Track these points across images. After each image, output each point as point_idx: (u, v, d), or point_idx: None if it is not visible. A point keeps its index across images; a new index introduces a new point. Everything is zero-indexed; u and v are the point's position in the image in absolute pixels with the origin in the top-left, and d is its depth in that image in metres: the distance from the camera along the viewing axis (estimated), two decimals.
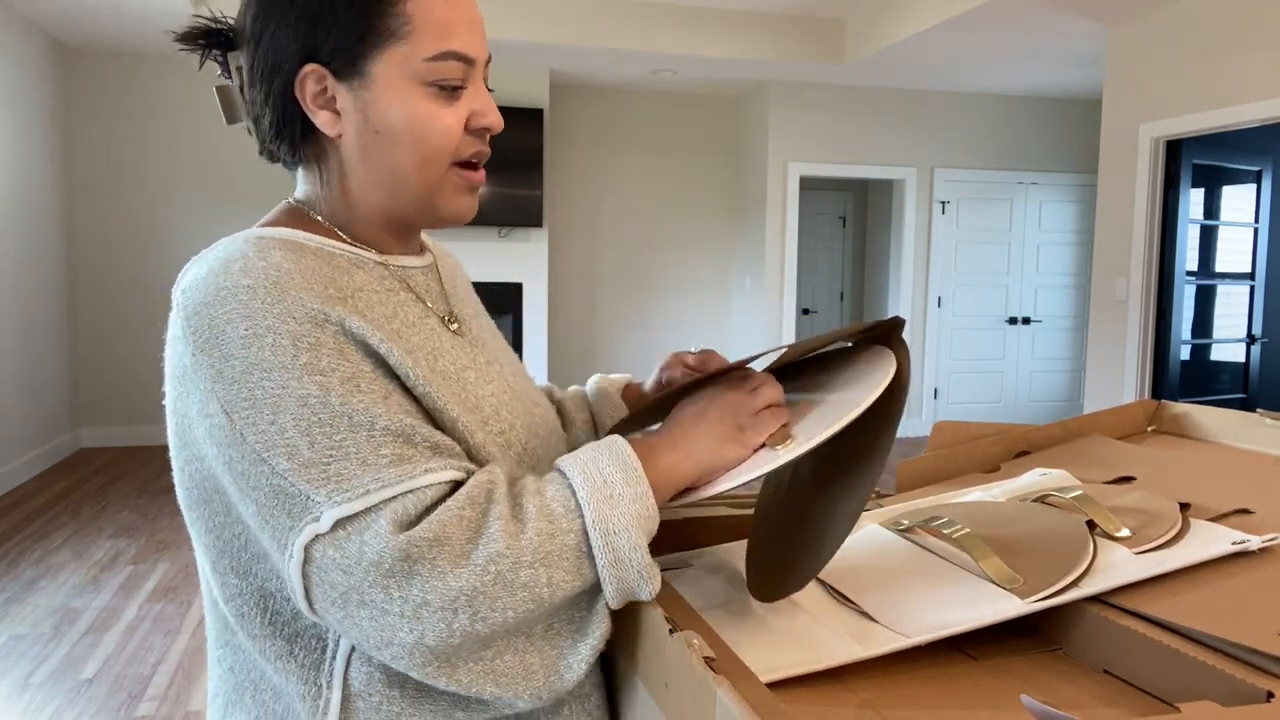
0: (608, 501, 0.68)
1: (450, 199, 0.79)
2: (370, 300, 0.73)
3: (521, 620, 0.66)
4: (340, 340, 0.68)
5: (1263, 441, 1.14)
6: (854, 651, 0.69)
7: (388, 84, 0.74)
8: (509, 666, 0.67)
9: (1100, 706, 0.64)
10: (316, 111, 0.75)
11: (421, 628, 0.63)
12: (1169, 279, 4.73)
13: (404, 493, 0.65)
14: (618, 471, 0.69)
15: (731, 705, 0.53)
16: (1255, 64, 4.13)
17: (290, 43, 0.73)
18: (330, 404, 0.65)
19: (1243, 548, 0.76)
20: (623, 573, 0.68)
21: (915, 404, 7.31)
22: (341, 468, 0.65)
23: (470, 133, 0.77)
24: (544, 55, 6.04)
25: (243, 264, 0.69)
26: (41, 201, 5.67)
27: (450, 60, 0.74)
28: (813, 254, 8.89)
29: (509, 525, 0.65)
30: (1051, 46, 5.59)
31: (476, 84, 0.78)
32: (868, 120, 6.95)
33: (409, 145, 0.75)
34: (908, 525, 0.87)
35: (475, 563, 0.64)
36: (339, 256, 0.75)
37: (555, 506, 0.67)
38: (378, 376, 0.69)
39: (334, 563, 0.64)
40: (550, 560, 0.66)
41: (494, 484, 0.68)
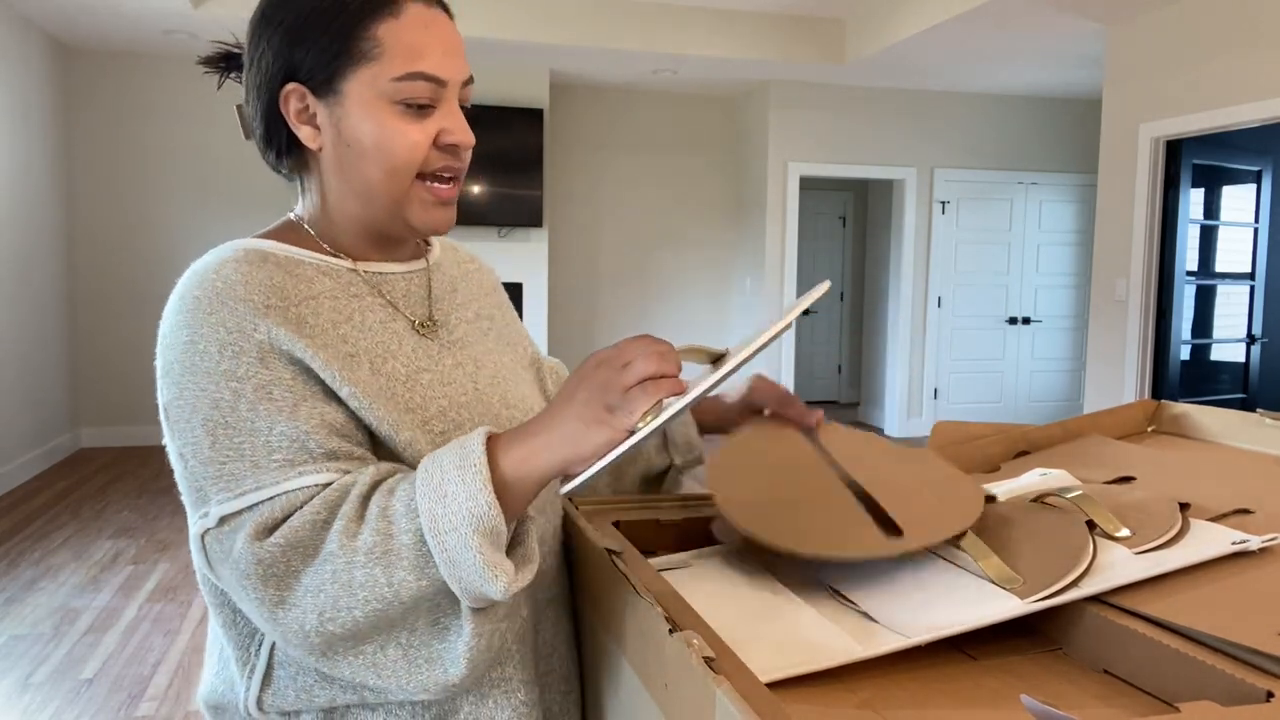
0: (439, 500, 0.68)
1: (419, 212, 0.83)
2: (322, 306, 0.79)
3: (375, 619, 0.69)
4: (264, 350, 0.74)
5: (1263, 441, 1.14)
6: (854, 651, 0.69)
7: (358, 101, 0.79)
8: (392, 660, 0.71)
9: (1100, 706, 0.64)
10: (299, 126, 0.82)
11: (282, 627, 0.70)
12: (1169, 279, 4.73)
13: (276, 495, 0.70)
14: (454, 468, 0.69)
15: (731, 705, 0.53)
16: (1255, 64, 4.13)
17: (275, 63, 0.81)
18: (238, 409, 0.72)
19: (1242, 548, 0.76)
20: (459, 572, 0.68)
21: (915, 404, 7.32)
22: (234, 468, 0.71)
23: (439, 149, 0.82)
24: (544, 55, 6.04)
25: (200, 277, 0.76)
26: (41, 201, 5.67)
27: (418, 81, 0.79)
28: (813, 254, 8.89)
29: (349, 526, 0.69)
30: (1051, 46, 5.59)
31: (449, 103, 0.82)
32: (868, 120, 6.95)
33: (375, 159, 0.80)
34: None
35: (317, 565, 0.69)
36: (306, 265, 0.82)
37: (397, 506, 0.69)
38: (296, 385, 0.74)
39: (218, 556, 0.72)
40: (389, 560, 0.68)
41: (351, 486, 0.72)
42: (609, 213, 7.19)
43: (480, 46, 5.79)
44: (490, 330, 0.96)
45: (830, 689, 0.66)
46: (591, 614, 0.86)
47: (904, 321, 7.19)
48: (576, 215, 7.14)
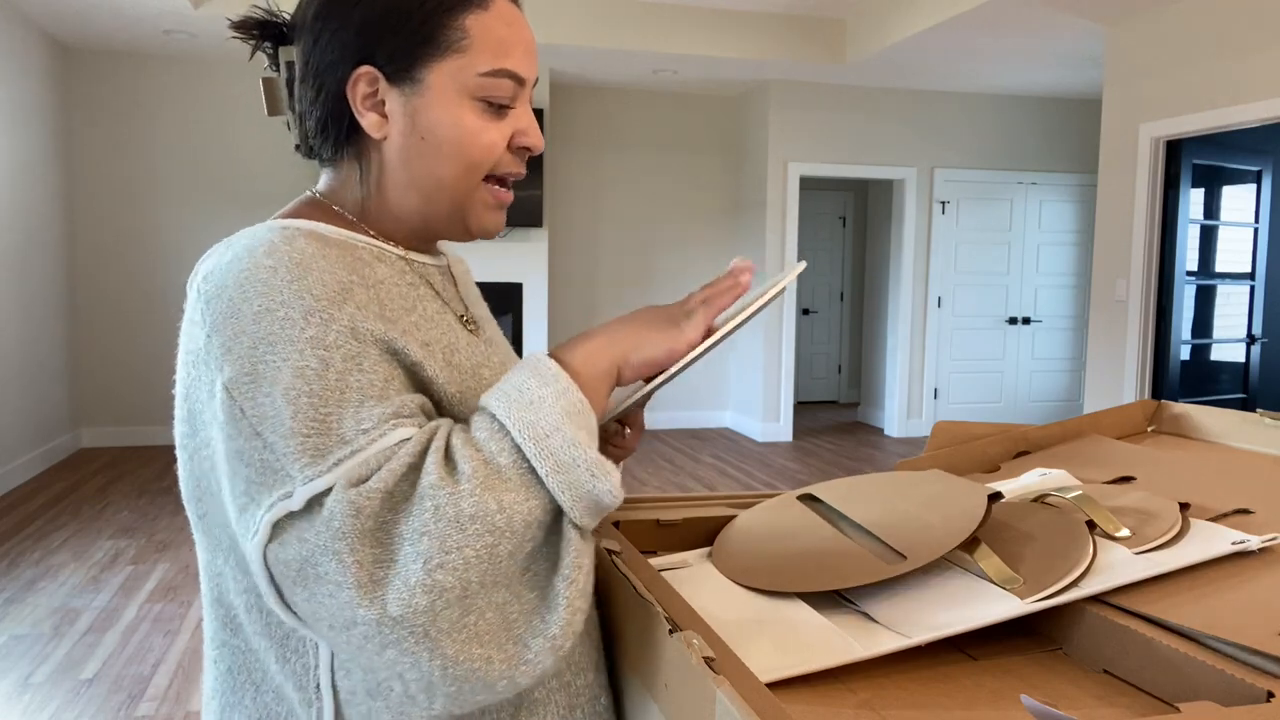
0: (528, 408, 0.65)
1: (479, 214, 0.80)
2: (391, 292, 0.74)
3: (485, 560, 0.62)
4: (355, 319, 0.68)
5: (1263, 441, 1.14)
6: (854, 651, 0.69)
7: (440, 93, 0.76)
8: (491, 625, 0.63)
9: (1100, 706, 0.64)
10: (364, 113, 0.77)
11: (382, 592, 0.61)
12: (1169, 279, 4.73)
13: (367, 456, 0.64)
14: (531, 378, 0.67)
15: (731, 705, 0.53)
16: (1255, 64, 4.13)
17: (349, 43, 0.75)
18: (327, 378, 0.65)
19: (1242, 548, 0.76)
20: (570, 476, 0.64)
21: (915, 404, 7.32)
22: (320, 442, 0.63)
23: (511, 151, 0.80)
24: (544, 55, 6.03)
25: (267, 248, 0.69)
26: (41, 201, 5.67)
27: (504, 78, 0.77)
28: (813, 254, 8.89)
29: (442, 463, 0.64)
30: (1051, 46, 5.59)
31: (524, 104, 0.80)
32: (868, 120, 6.95)
33: (450, 154, 0.77)
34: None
35: (415, 507, 0.62)
36: (361, 249, 0.76)
37: (479, 434, 0.66)
38: (383, 363, 0.68)
39: (294, 534, 0.62)
40: (491, 485, 0.63)
41: (435, 430, 0.67)
42: (609, 213, 7.19)
43: None
44: (498, 330, 0.94)
45: (830, 689, 0.66)
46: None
47: (904, 321, 7.19)
48: (576, 215, 7.13)
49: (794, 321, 6.94)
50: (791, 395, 7.02)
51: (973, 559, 0.77)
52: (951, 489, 0.89)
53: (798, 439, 7.13)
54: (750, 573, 0.85)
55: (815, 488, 1.00)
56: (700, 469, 5.97)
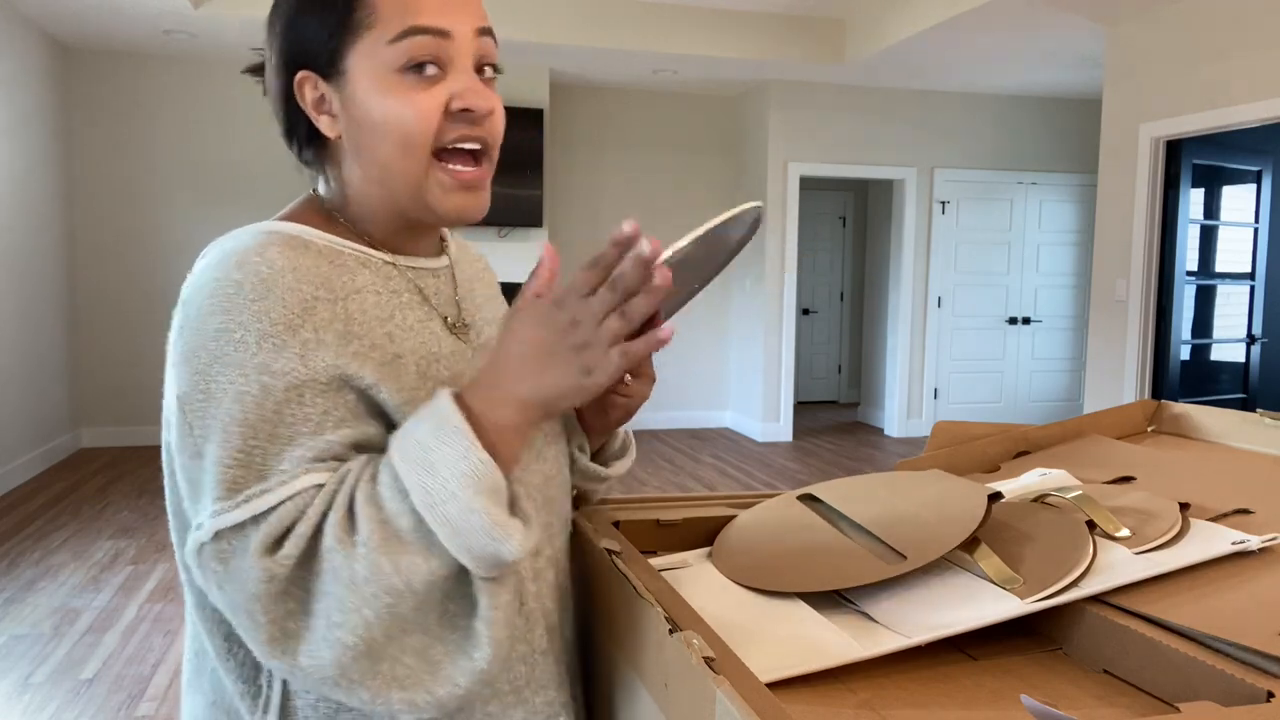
0: (426, 472, 0.64)
1: (439, 197, 0.75)
2: (367, 301, 0.73)
3: (387, 618, 0.64)
4: (307, 347, 0.68)
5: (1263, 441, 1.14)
6: (854, 651, 0.69)
7: (362, 76, 0.73)
8: (411, 668, 0.66)
9: (1100, 706, 0.64)
10: (318, 116, 0.76)
11: (289, 657, 0.64)
12: (1169, 279, 4.73)
13: (279, 504, 0.65)
14: (432, 435, 0.65)
15: (731, 705, 0.53)
16: (1255, 64, 4.13)
17: (285, 51, 0.76)
18: (264, 407, 0.66)
19: (1242, 548, 0.76)
20: (468, 540, 0.63)
21: (915, 404, 7.32)
22: (239, 475, 0.65)
23: (451, 116, 0.74)
24: (544, 55, 6.03)
25: (239, 258, 0.69)
26: (41, 201, 5.67)
27: (415, 36, 0.72)
28: (813, 254, 8.89)
29: (343, 520, 0.64)
30: (1051, 46, 5.59)
31: (460, 61, 0.74)
32: (868, 120, 6.95)
33: (385, 136, 0.73)
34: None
35: (319, 567, 0.64)
36: (345, 255, 0.75)
37: (383, 490, 0.65)
38: (330, 391, 0.68)
39: (215, 575, 0.65)
40: (389, 548, 0.63)
41: (345, 478, 0.67)
42: (609, 213, 7.19)
43: None
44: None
45: (830, 689, 0.66)
46: (591, 614, 0.86)
47: (904, 321, 7.19)
48: (576, 215, 7.13)
49: (794, 321, 6.94)
50: (791, 395, 7.02)
51: (973, 559, 0.77)
52: (951, 489, 0.89)
53: (798, 439, 7.13)
54: (750, 573, 0.85)
55: (815, 488, 1.00)
56: (700, 469, 5.97)
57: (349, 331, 0.70)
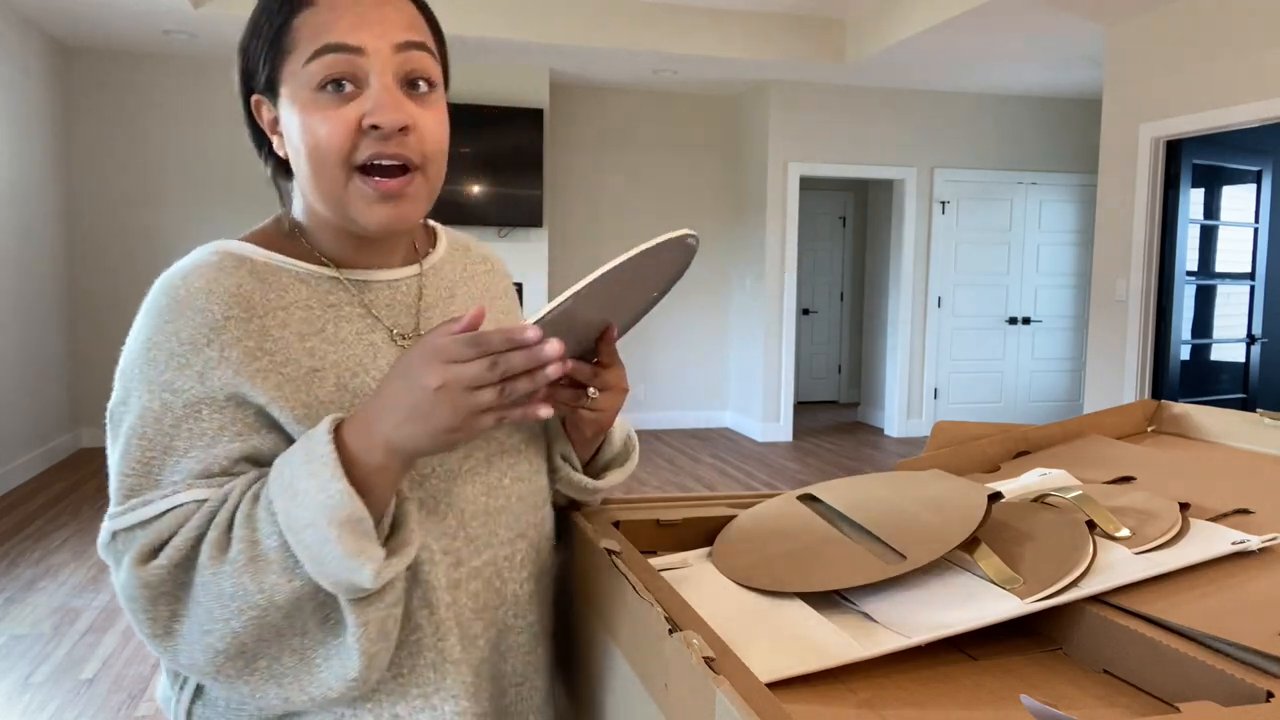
0: (292, 499, 0.67)
1: (361, 209, 0.76)
2: (291, 317, 0.77)
3: (255, 629, 0.68)
4: (208, 366, 0.72)
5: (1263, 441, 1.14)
6: (854, 651, 0.69)
7: (290, 99, 0.76)
8: (290, 668, 0.71)
9: (1100, 706, 0.64)
10: (272, 136, 0.80)
11: (170, 652, 0.70)
12: (1169, 279, 4.73)
13: (162, 513, 0.70)
14: (302, 465, 0.68)
15: (731, 705, 0.53)
16: (1255, 64, 4.13)
17: (240, 75, 0.81)
18: (162, 423, 0.72)
19: (1242, 548, 0.76)
20: (325, 568, 0.67)
21: (915, 404, 7.31)
22: (135, 483, 0.72)
23: (364, 133, 0.74)
24: (544, 55, 6.03)
25: (168, 281, 0.76)
26: (41, 201, 5.67)
27: (326, 54, 0.73)
28: (813, 254, 8.89)
29: (220, 538, 0.69)
30: (1051, 46, 5.59)
31: (377, 77, 0.74)
32: (868, 120, 6.95)
33: (305, 155, 0.76)
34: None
35: (195, 579, 0.69)
36: (284, 272, 0.79)
37: (260, 511, 0.69)
38: (229, 409, 0.73)
39: (113, 571, 0.72)
40: (254, 567, 0.67)
41: (229, 495, 0.71)
42: (609, 213, 7.19)
43: (480, 46, 5.79)
44: None
45: (830, 689, 0.66)
46: (591, 614, 0.86)
47: (904, 321, 7.19)
48: (576, 215, 7.13)
49: (794, 321, 6.94)
50: (791, 395, 7.02)
51: (973, 559, 0.77)
52: (951, 489, 0.89)
53: (798, 439, 7.13)
54: (750, 573, 0.85)
55: (815, 488, 1.00)
56: (700, 469, 5.97)
57: (260, 348, 0.74)
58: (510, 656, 0.85)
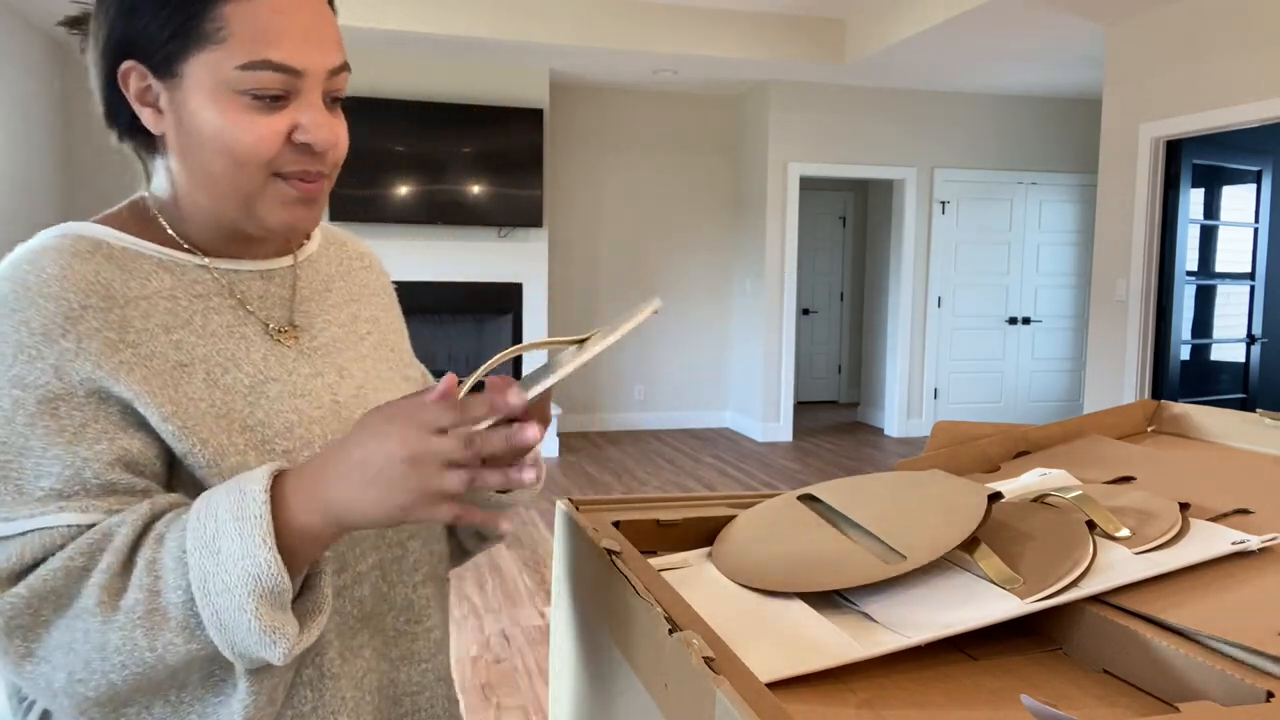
0: (212, 557, 0.61)
1: (273, 210, 0.73)
2: (155, 307, 0.71)
3: (135, 683, 0.62)
4: (64, 358, 0.66)
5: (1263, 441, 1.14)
6: (854, 651, 0.69)
7: (198, 87, 0.70)
8: (158, 717, 0.65)
9: (1100, 706, 0.64)
10: (141, 108, 0.73)
11: (28, 680, 0.62)
12: (1169, 279, 4.73)
13: (29, 531, 0.63)
14: (231, 517, 0.61)
15: (731, 705, 0.53)
16: (1255, 64, 4.13)
17: (116, 35, 0.72)
18: (15, 422, 0.64)
19: (1242, 548, 0.76)
20: (233, 636, 0.61)
21: (915, 404, 7.31)
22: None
23: (293, 147, 0.72)
24: (544, 55, 6.04)
25: (14, 266, 0.69)
26: (41, 201, 5.67)
27: (265, 70, 0.69)
28: (813, 254, 8.89)
29: (112, 581, 0.61)
30: (1051, 46, 5.59)
31: (308, 95, 0.71)
32: (868, 120, 6.95)
33: (217, 151, 0.71)
34: None
35: (69, 620, 0.61)
36: (146, 259, 0.73)
37: (166, 559, 0.62)
38: (90, 404, 0.66)
39: None
40: (153, 622, 0.61)
41: (117, 529, 0.63)
42: (609, 213, 7.19)
43: (480, 46, 5.79)
44: (369, 335, 0.87)
45: (830, 689, 0.66)
46: (591, 614, 0.86)
47: (904, 321, 7.19)
48: (576, 215, 7.13)
49: (794, 321, 6.94)
50: (791, 395, 7.02)
51: (973, 559, 0.77)
52: (951, 489, 0.89)
53: (798, 439, 7.13)
54: (750, 573, 0.85)
55: (815, 488, 1.00)
56: (700, 469, 5.97)
57: (122, 340, 0.68)
58: (404, 666, 0.81)
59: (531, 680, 2.95)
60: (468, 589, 3.75)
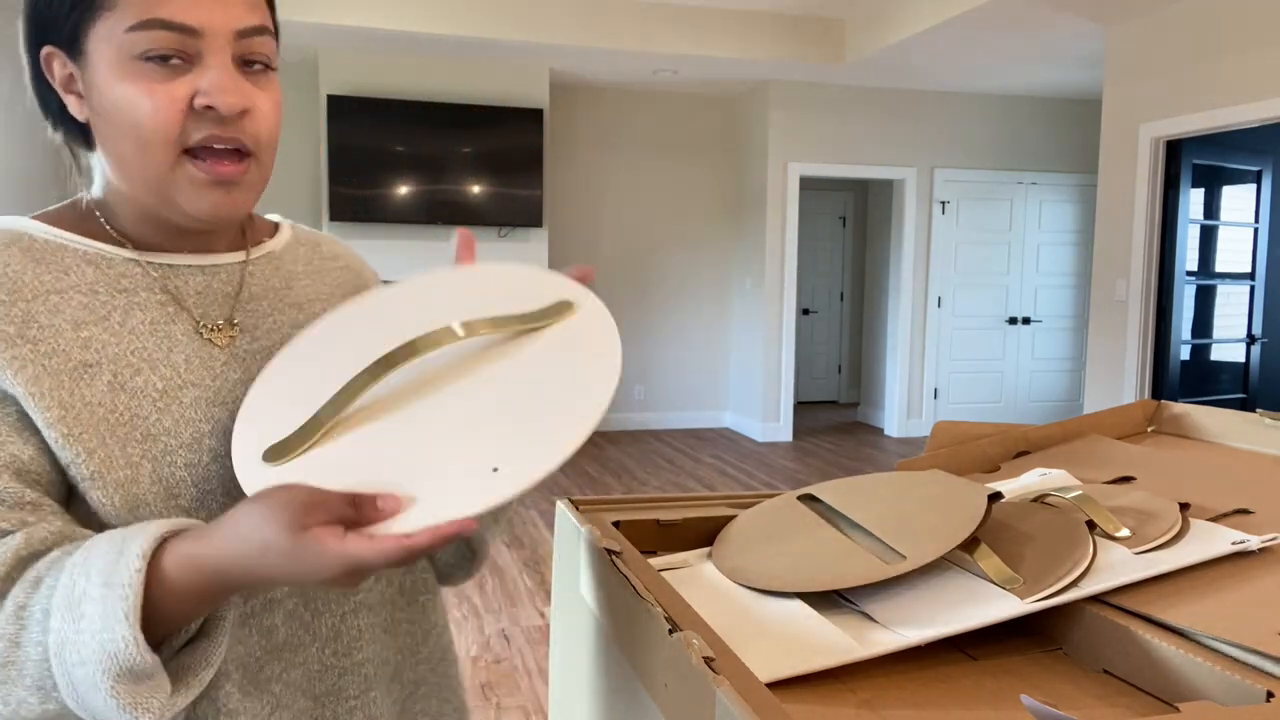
0: (73, 621, 0.55)
1: (187, 194, 0.67)
2: (68, 302, 0.67)
3: None
4: None
5: (1263, 441, 1.14)
6: (854, 651, 0.69)
7: (100, 61, 0.66)
8: None
9: (1100, 706, 0.64)
10: (66, 95, 0.70)
11: None
12: (1169, 279, 4.73)
13: None
14: (100, 581, 0.56)
15: (731, 705, 0.53)
16: (1255, 64, 4.13)
17: (30, 21, 0.69)
18: None
19: (1242, 548, 0.76)
20: (89, 706, 0.56)
21: (915, 404, 7.31)
22: None
23: (196, 114, 0.66)
24: (544, 55, 6.03)
25: None
26: (42, 201, 5.67)
27: (155, 30, 0.64)
28: (813, 254, 8.89)
29: None
30: (1051, 46, 5.59)
31: (213, 56, 0.66)
32: (868, 120, 6.95)
33: (123, 129, 0.66)
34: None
35: None
36: (69, 252, 0.69)
37: (35, 609, 0.57)
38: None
39: None
40: (6, 675, 0.56)
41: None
42: (609, 213, 7.19)
43: (480, 46, 5.79)
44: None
45: (830, 689, 0.66)
46: (591, 614, 0.86)
47: (904, 321, 7.19)
48: (576, 215, 7.13)
49: (794, 321, 6.94)
50: (791, 395, 7.02)
51: (973, 559, 0.77)
52: (951, 489, 0.89)
53: (798, 439, 7.13)
54: (750, 573, 0.85)
55: (815, 488, 1.00)
56: (700, 469, 5.97)
57: (20, 335, 0.64)
58: (329, 703, 0.74)
59: (531, 680, 2.95)
60: (468, 589, 3.75)
